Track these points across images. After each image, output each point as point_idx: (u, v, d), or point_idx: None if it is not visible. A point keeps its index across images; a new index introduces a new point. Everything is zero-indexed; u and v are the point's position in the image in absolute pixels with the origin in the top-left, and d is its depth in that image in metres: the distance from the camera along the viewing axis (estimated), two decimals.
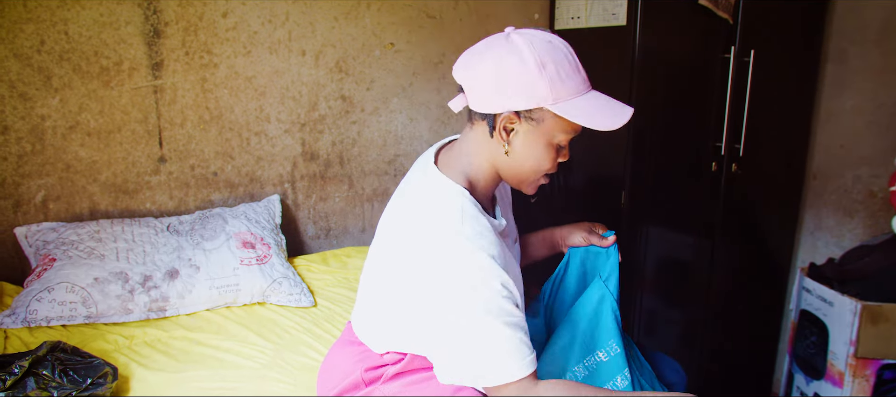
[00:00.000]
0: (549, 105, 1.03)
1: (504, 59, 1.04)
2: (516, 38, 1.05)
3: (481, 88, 1.06)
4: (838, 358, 2.16)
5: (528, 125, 1.07)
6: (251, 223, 2.00)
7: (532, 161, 1.10)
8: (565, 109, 1.04)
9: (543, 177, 1.16)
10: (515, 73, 1.03)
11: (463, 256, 1.03)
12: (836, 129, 2.51)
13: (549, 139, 1.08)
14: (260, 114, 2.18)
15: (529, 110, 1.05)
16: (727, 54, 2.17)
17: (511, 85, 1.03)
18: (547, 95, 1.03)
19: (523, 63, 1.02)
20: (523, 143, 1.09)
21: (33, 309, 1.61)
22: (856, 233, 2.49)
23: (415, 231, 1.09)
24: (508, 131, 1.08)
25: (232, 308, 1.85)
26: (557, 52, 1.05)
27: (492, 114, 1.08)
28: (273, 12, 2.13)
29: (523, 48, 1.03)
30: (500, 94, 1.04)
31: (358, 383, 1.24)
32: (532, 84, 1.02)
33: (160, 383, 1.44)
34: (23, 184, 1.88)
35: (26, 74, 1.82)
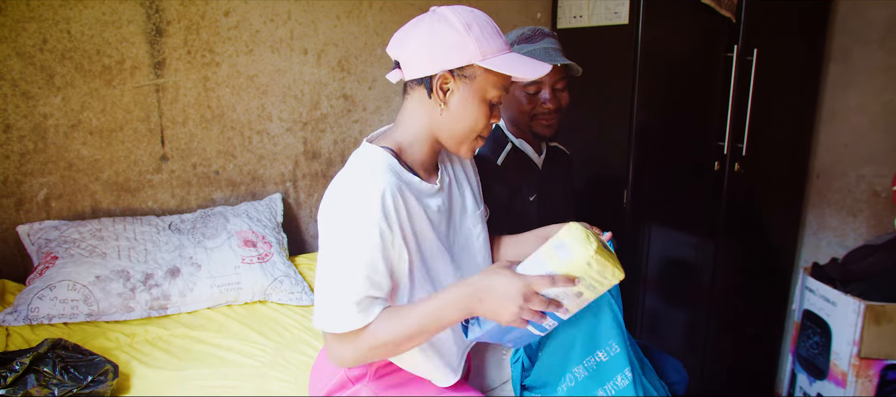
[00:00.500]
0: (478, 61, 1.12)
1: (434, 26, 1.14)
2: (442, 9, 1.16)
3: (417, 57, 1.16)
4: (841, 359, 2.15)
5: (461, 83, 1.15)
6: (253, 221, 2.00)
7: (468, 119, 1.17)
8: (494, 63, 1.13)
9: (480, 138, 1.23)
10: (445, 35, 1.12)
11: (350, 191, 1.10)
12: (839, 128, 2.50)
13: (482, 95, 1.16)
14: (262, 112, 2.18)
15: (462, 68, 1.14)
16: (730, 53, 2.16)
17: (443, 47, 1.13)
18: (476, 52, 1.12)
19: (452, 27, 1.12)
20: (459, 101, 1.16)
21: (35, 306, 1.61)
22: (859, 233, 2.48)
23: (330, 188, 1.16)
24: (444, 91, 1.16)
25: (233, 306, 1.85)
26: (480, 17, 1.16)
27: (428, 78, 1.16)
28: (275, 11, 2.13)
29: (449, 15, 1.14)
30: (434, 58, 1.13)
31: (344, 382, 1.25)
32: (461, 43, 1.12)
33: (161, 381, 1.44)
34: (25, 183, 1.88)
35: (29, 73, 1.82)
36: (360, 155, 1.19)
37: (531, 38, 1.56)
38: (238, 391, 1.43)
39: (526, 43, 1.56)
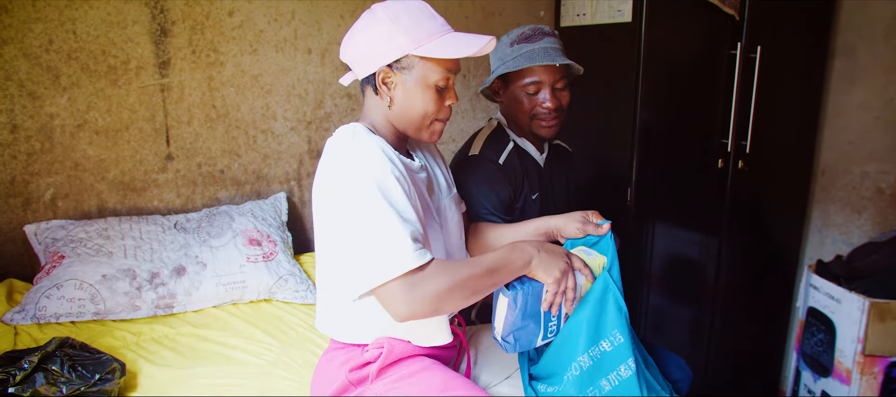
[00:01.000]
0: (412, 50, 1.16)
1: (366, 25, 1.19)
2: (375, 6, 1.20)
3: (359, 57, 1.21)
4: (846, 356, 2.15)
5: (401, 75, 1.19)
6: (257, 220, 2.01)
7: (417, 107, 1.21)
8: (426, 49, 1.16)
9: (438, 122, 1.26)
10: (376, 32, 1.17)
11: (348, 156, 1.13)
12: (843, 126, 2.49)
13: (424, 82, 1.20)
14: (266, 112, 2.19)
15: (398, 60, 1.18)
16: (733, 50, 2.16)
17: (376, 44, 1.17)
18: (407, 42, 1.15)
19: (380, 22, 1.17)
20: (403, 92, 1.20)
21: (43, 305, 1.63)
22: (864, 230, 2.47)
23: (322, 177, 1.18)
24: (388, 85, 1.21)
25: (238, 305, 1.86)
26: (411, 6, 1.18)
27: (372, 75, 1.21)
28: (279, 11, 2.14)
29: (378, 11, 1.18)
30: (371, 56, 1.18)
31: (346, 386, 1.26)
32: (391, 36, 1.16)
33: (167, 379, 1.45)
34: (32, 183, 1.89)
35: (35, 73, 1.84)
36: (340, 131, 1.21)
37: (531, 37, 1.56)
38: (243, 389, 1.44)
39: (525, 42, 1.55)
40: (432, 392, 1.19)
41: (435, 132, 1.26)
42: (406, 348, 1.26)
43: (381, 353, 1.23)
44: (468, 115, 2.59)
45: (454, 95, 1.26)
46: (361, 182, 1.10)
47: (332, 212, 1.15)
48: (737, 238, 2.39)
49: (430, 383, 1.21)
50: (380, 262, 1.06)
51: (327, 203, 1.17)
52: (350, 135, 1.17)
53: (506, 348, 1.25)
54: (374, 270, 1.07)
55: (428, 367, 1.25)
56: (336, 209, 1.13)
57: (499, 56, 1.62)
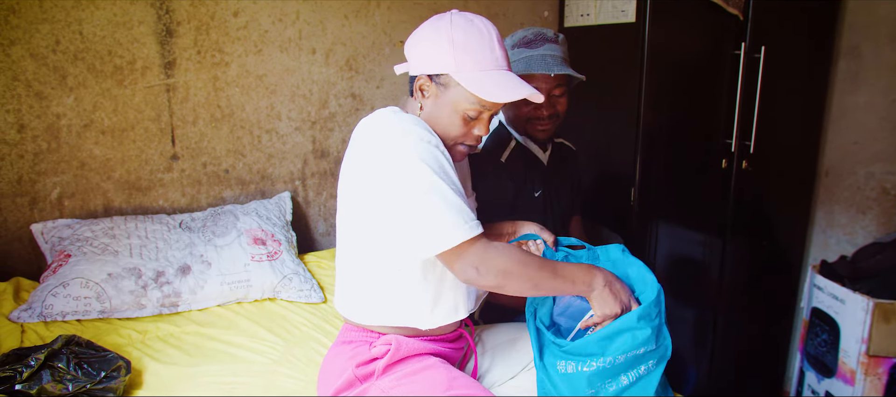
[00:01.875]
0: (451, 72, 1.17)
1: (429, 28, 1.21)
2: (448, 15, 1.20)
3: (411, 56, 1.24)
4: (850, 357, 2.14)
5: (436, 88, 1.21)
6: (262, 220, 2.02)
7: (441, 124, 1.22)
8: (464, 78, 1.16)
9: (463, 146, 1.26)
10: (430, 42, 1.19)
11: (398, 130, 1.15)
12: (848, 126, 2.48)
13: (454, 106, 1.20)
14: (271, 112, 2.20)
15: (437, 75, 1.19)
16: (737, 51, 2.16)
17: (425, 52, 1.20)
18: (450, 64, 1.16)
19: (438, 32, 1.18)
20: (433, 105, 1.22)
21: (49, 303, 1.64)
22: (868, 231, 2.46)
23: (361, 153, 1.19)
24: (423, 92, 1.23)
25: (243, 303, 1.87)
26: (473, 30, 1.18)
27: (413, 76, 1.24)
28: (284, 11, 2.15)
29: (443, 24, 1.19)
30: (418, 59, 1.22)
31: (352, 381, 1.26)
32: (440, 53, 1.17)
33: (172, 377, 1.46)
34: (39, 182, 1.91)
35: (42, 74, 1.85)
36: (377, 112, 1.23)
37: (532, 42, 1.55)
38: (248, 388, 1.44)
39: (526, 48, 1.55)
40: (437, 390, 1.19)
41: (458, 152, 1.27)
42: (413, 346, 1.26)
43: (388, 350, 1.24)
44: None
45: (485, 128, 1.25)
46: (423, 146, 1.12)
47: (383, 180, 1.15)
48: (740, 238, 2.39)
49: (434, 381, 1.21)
50: (457, 223, 1.09)
51: (369, 176, 1.17)
52: (392, 112, 1.20)
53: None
54: (451, 230, 1.09)
55: (433, 366, 1.25)
56: (391, 176, 1.14)
57: None
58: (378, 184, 1.16)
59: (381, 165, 1.15)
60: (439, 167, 1.12)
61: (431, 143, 1.14)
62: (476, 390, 1.21)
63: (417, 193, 1.11)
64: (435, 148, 1.14)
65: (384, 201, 1.17)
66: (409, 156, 1.12)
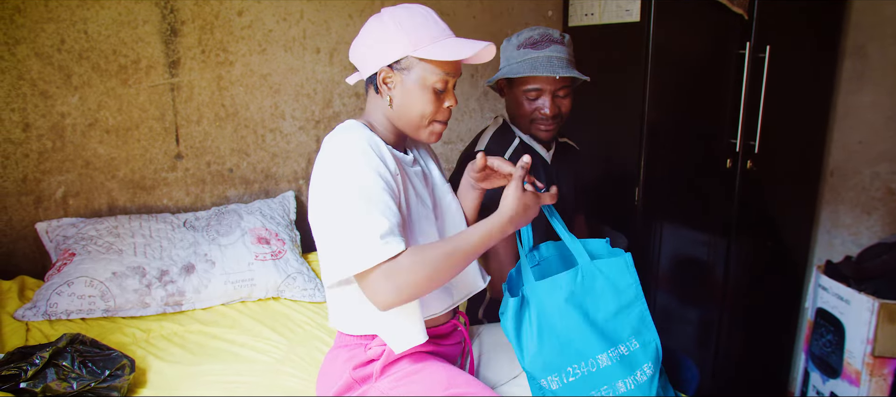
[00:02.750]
0: (411, 52, 1.20)
1: (371, 27, 1.24)
2: (382, 11, 1.25)
3: (362, 58, 1.26)
4: (855, 357, 2.14)
5: (401, 75, 1.23)
6: (266, 219, 2.02)
7: (415, 106, 1.25)
8: (425, 51, 1.20)
9: (437, 123, 1.29)
10: (379, 34, 1.22)
11: (332, 151, 1.18)
12: (854, 126, 2.48)
13: (422, 83, 1.23)
14: (275, 111, 2.20)
15: (398, 61, 1.22)
16: (742, 50, 2.15)
17: (378, 45, 1.22)
18: (407, 44, 1.20)
19: (383, 25, 1.22)
20: (402, 92, 1.24)
21: (53, 302, 1.64)
22: (874, 231, 2.45)
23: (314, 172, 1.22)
24: (388, 84, 1.25)
25: (247, 302, 1.87)
26: (415, 12, 1.23)
27: (374, 75, 1.25)
28: (288, 11, 2.15)
29: (384, 15, 1.23)
30: (373, 56, 1.23)
31: (350, 384, 1.27)
32: (393, 38, 1.20)
33: (176, 376, 1.46)
34: (44, 181, 1.91)
35: (47, 73, 1.86)
36: (336, 130, 1.25)
37: (538, 43, 1.55)
38: (252, 387, 1.44)
39: (531, 48, 1.55)
40: (436, 389, 1.19)
41: (434, 133, 1.29)
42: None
43: (383, 351, 1.24)
44: (476, 115, 2.59)
45: (454, 98, 1.29)
46: (341, 175, 1.15)
47: (319, 204, 1.19)
48: (745, 238, 2.38)
49: (434, 380, 1.21)
50: (355, 253, 1.10)
51: (314, 194, 1.21)
52: (342, 130, 1.23)
53: None
54: (351, 259, 1.10)
55: (431, 365, 1.25)
56: (321, 201, 1.17)
57: (506, 56, 1.62)
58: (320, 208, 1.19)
59: (318, 191, 1.18)
60: (356, 195, 1.13)
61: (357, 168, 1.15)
62: (476, 388, 1.20)
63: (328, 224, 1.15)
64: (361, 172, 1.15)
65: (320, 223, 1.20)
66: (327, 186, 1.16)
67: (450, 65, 1.24)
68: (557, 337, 1.27)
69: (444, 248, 1.13)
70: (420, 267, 1.11)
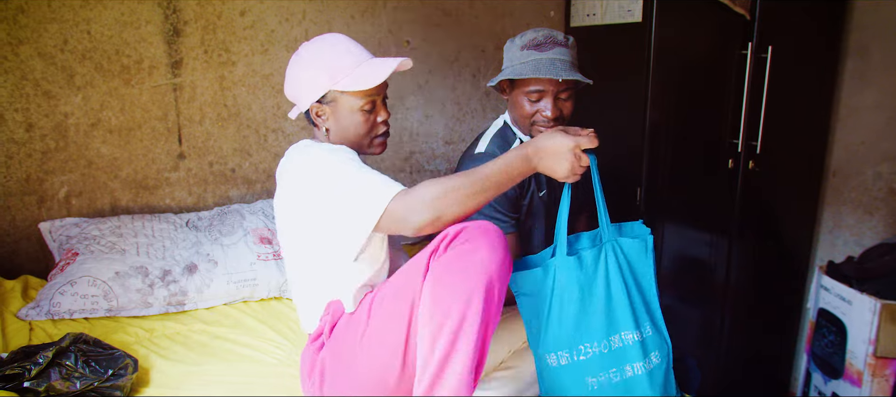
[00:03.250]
0: (332, 86, 1.29)
1: (295, 67, 1.33)
2: (300, 48, 1.34)
3: (294, 95, 1.35)
4: (857, 358, 2.14)
5: (329, 108, 1.33)
6: (268, 219, 2.02)
7: (350, 131, 1.34)
8: (343, 84, 1.28)
9: (379, 137, 1.39)
10: (302, 75, 1.32)
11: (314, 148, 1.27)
12: (856, 126, 2.47)
13: (350, 109, 1.32)
14: (277, 111, 2.21)
15: (323, 97, 1.31)
16: (744, 50, 2.15)
17: (303, 85, 1.32)
18: (328, 80, 1.29)
19: (303, 64, 1.32)
20: (335, 122, 1.34)
21: (57, 301, 1.65)
22: (876, 231, 2.45)
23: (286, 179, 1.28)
24: (322, 118, 1.34)
25: (249, 302, 1.88)
26: (327, 47, 1.32)
27: (306, 112, 1.36)
28: (290, 11, 2.15)
29: (302, 53, 1.33)
30: (302, 94, 1.33)
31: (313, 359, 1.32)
32: (314, 76, 1.30)
33: (179, 375, 1.47)
34: (47, 180, 1.92)
35: (50, 73, 1.86)
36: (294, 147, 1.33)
37: (542, 45, 1.55)
38: (255, 387, 1.44)
39: (535, 50, 1.55)
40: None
41: (378, 144, 1.39)
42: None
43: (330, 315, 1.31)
44: (478, 115, 2.60)
45: (385, 111, 1.38)
46: (334, 155, 1.23)
47: (306, 197, 1.23)
48: (747, 239, 2.38)
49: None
50: (371, 197, 1.14)
51: (296, 198, 1.26)
52: (306, 144, 1.31)
53: None
54: (368, 207, 1.14)
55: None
56: (311, 190, 1.22)
57: (509, 57, 1.62)
58: (306, 201, 1.23)
59: (304, 184, 1.23)
60: (354, 162, 1.21)
61: (344, 150, 1.26)
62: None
63: (331, 199, 1.19)
64: (348, 152, 1.25)
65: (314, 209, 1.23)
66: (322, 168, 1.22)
67: (372, 88, 1.31)
68: (577, 313, 1.29)
69: (460, 174, 1.17)
70: (438, 184, 1.14)
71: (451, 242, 1.12)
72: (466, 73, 2.51)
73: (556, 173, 1.20)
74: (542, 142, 1.19)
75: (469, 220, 1.16)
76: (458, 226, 1.13)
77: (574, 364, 1.28)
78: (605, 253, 1.32)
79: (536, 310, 1.33)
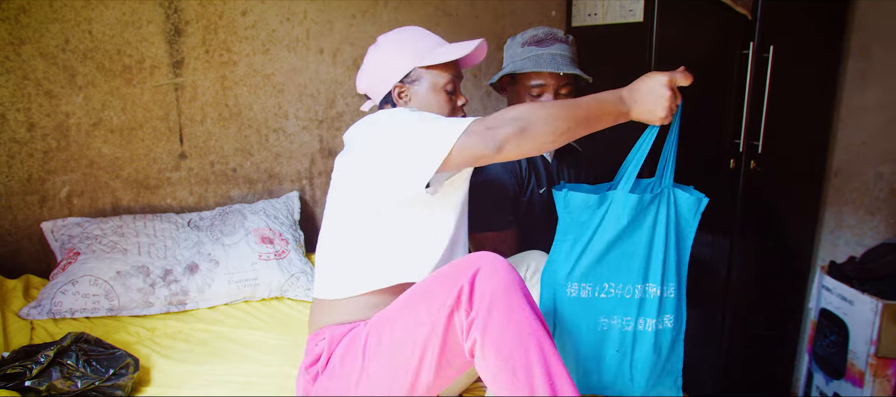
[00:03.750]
0: (416, 64, 1.32)
1: (372, 57, 1.38)
2: (379, 40, 1.39)
3: (373, 84, 1.38)
4: (859, 358, 2.13)
5: (413, 87, 1.35)
6: (270, 219, 2.02)
7: (434, 110, 1.34)
8: (428, 59, 1.32)
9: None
10: (384, 61, 1.36)
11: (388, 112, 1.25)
12: (857, 126, 2.47)
13: (435, 88, 1.35)
14: (278, 111, 2.21)
15: (407, 75, 1.34)
16: (746, 50, 2.15)
17: (384, 68, 1.35)
18: (411, 58, 1.32)
19: (384, 49, 1.36)
20: (417, 103, 1.35)
21: (58, 300, 1.65)
22: (877, 232, 2.45)
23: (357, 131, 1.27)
24: (404, 98, 1.36)
25: (250, 302, 1.88)
26: (407, 30, 1.38)
27: (388, 95, 1.37)
28: (291, 11, 2.15)
29: (380, 42, 1.38)
30: (383, 78, 1.36)
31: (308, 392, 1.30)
32: (396, 57, 1.34)
33: (180, 375, 1.47)
34: (48, 180, 1.92)
35: (52, 73, 1.86)
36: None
37: (543, 41, 1.59)
38: (256, 387, 1.44)
39: (536, 46, 1.58)
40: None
41: None
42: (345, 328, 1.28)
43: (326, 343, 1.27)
44: (479, 114, 2.59)
45: (463, 97, 1.41)
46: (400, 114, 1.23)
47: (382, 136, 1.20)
48: (748, 238, 2.38)
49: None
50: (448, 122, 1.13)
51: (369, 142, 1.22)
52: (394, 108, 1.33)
53: None
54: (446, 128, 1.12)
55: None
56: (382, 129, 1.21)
57: (510, 54, 1.63)
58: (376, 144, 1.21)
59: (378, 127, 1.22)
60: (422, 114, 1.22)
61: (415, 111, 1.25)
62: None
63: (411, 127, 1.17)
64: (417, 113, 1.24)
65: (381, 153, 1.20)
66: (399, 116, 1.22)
67: (453, 66, 1.34)
68: (614, 250, 1.28)
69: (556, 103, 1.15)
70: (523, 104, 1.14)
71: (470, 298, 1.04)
72: (467, 72, 2.51)
73: (654, 114, 1.19)
74: (636, 84, 1.18)
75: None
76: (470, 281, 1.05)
77: (593, 300, 1.27)
78: (661, 198, 1.31)
79: (576, 236, 1.30)
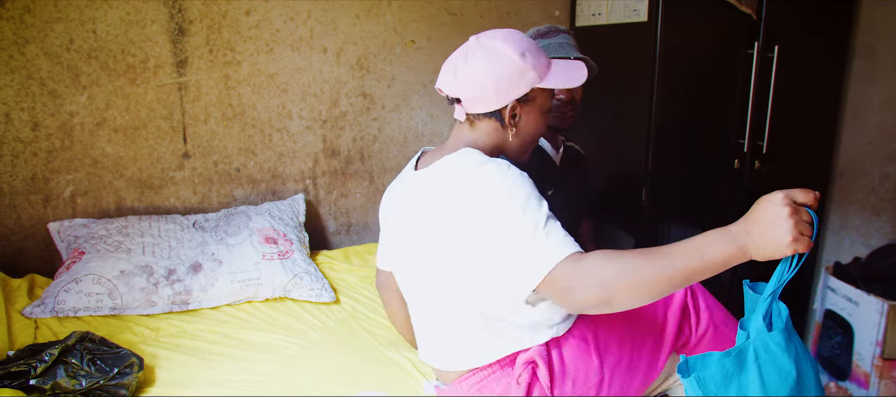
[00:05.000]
0: (538, 84, 1.22)
1: (492, 61, 1.19)
2: (489, 41, 1.21)
3: (483, 94, 1.21)
4: (864, 359, 2.12)
5: (526, 106, 1.25)
6: (274, 219, 2.02)
7: (535, 133, 1.30)
8: (550, 81, 1.23)
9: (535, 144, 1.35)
10: (507, 71, 1.19)
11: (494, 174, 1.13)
12: (863, 126, 2.46)
13: (541, 110, 1.28)
14: (282, 110, 2.21)
15: (526, 94, 1.23)
16: (750, 50, 2.14)
17: (508, 81, 1.19)
18: (535, 77, 1.21)
19: (509, 59, 1.19)
20: (526, 122, 1.27)
21: (61, 299, 1.65)
22: (883, 232, 2.44)
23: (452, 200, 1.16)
24: (515, 117, 1.25)
25: (254, 302, 1.87)
26: (524, 39, 1.22)
27: (498, 110, 1.23)
28: (295, 10, 2.15)
29: (502, 47, 1.19)
30: (501, 92, 1.20)
31: None
32: (522, 73, 1.19)
33: (184, 374, 1.47)
34: (52, 180, 1.92)
35: (56, 72, 1.87)
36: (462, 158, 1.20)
37: (547, 34, 1.62)
38: (260, 386, 1.44)
39: (541, 38, 1.61)
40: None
41: (532, 152, 1.36)
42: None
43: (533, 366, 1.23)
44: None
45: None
46: (516, 184, 1.10)
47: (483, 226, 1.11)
48: None
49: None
50: (550, 248, 1.02)
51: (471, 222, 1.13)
52: (479, 159, 1.17)
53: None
54: (541, 259, 1.02)
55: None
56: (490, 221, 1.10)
57: None
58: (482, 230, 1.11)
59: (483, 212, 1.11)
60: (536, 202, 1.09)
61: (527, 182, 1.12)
62: None
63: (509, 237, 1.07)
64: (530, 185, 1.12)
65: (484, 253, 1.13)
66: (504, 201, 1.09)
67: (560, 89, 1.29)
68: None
69: (643, 252, 0.99)
70: (618, 260, 0.97)
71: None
72: None
73: (781, 243, 0.92)
74: (751, 216, 0.95)
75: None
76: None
77: None
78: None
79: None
